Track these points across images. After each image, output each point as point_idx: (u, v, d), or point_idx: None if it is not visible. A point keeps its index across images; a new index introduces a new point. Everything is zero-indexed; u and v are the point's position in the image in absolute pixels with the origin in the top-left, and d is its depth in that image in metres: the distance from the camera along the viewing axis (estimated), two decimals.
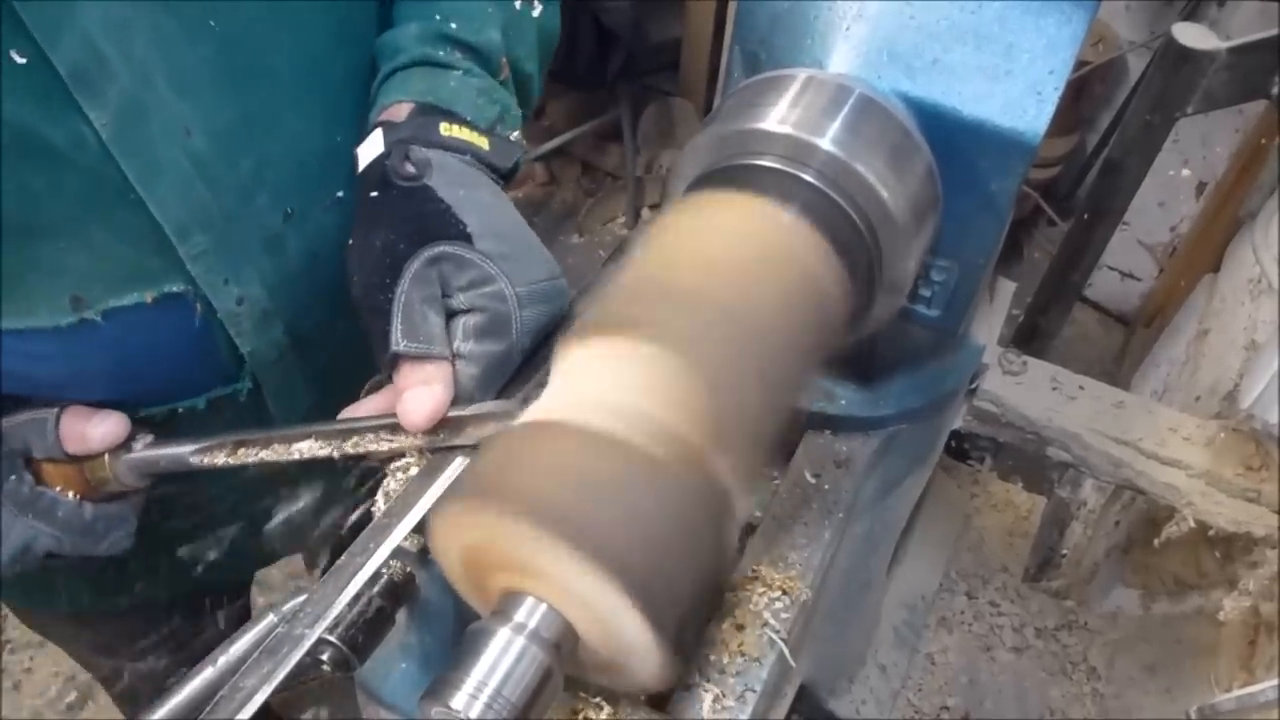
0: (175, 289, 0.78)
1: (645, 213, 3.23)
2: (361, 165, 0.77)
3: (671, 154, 3.20)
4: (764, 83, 0.77)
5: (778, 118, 0.73)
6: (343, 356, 0.93)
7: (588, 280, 0.89)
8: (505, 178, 0.83)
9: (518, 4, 0.90)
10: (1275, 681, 1.06)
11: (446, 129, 0.78)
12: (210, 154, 0.76)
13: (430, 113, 0.79)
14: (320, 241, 0.87)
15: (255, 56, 0.77)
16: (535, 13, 0.92)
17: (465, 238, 0.71)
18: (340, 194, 0.87)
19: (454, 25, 0.84)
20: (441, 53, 0.83)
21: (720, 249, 0.68)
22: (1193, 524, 1.17)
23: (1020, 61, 0.73)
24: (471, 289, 0.71)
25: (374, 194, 0.74)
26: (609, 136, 3.25)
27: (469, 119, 0.80)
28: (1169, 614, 1.68)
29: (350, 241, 0.74)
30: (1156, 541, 1.27)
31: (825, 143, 0.71)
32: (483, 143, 0.80)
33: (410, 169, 0.73)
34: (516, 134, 0.86)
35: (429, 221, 0.72)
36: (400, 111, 0.79)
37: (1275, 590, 1.30)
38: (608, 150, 3.31)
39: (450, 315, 0.72)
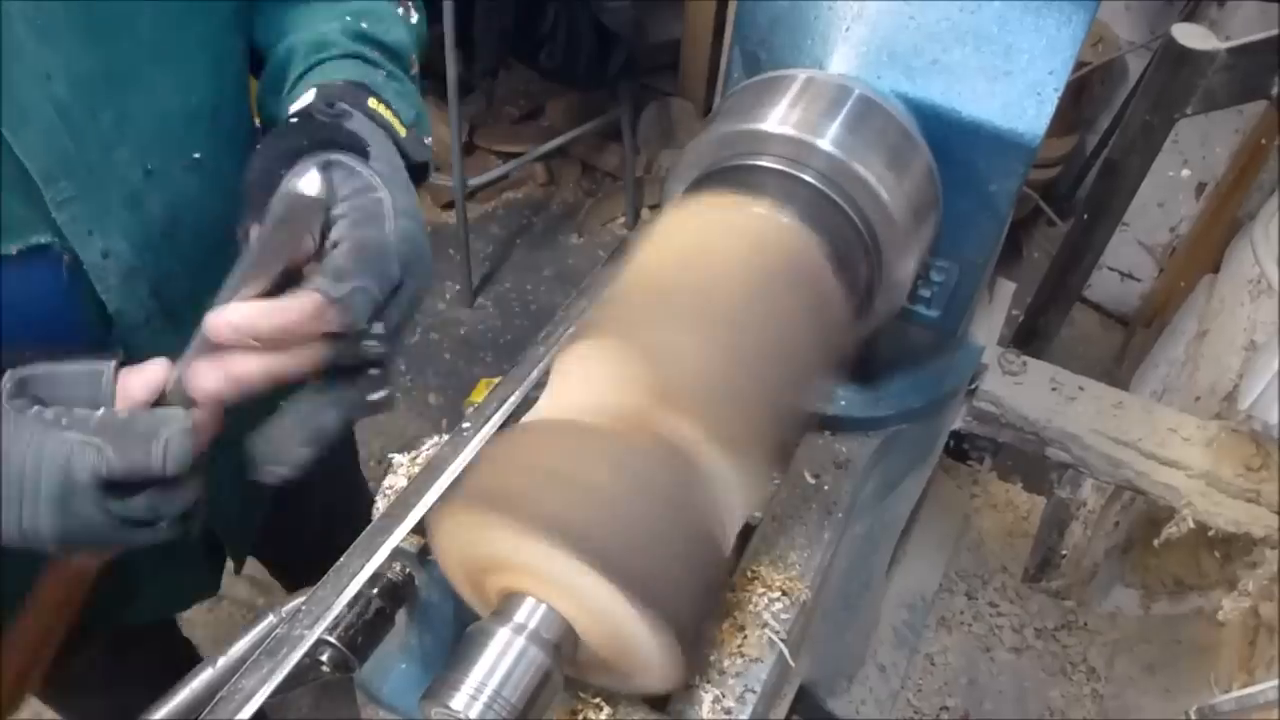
0: (42, 240, 0.78)
1: (645, 213, 3.23)
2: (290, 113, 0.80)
3: (671, 154, 3.20)
4: (764, 83, 0.77)
5: (778, 118, 0.73)
6: None
7: (586, 281, 0.89)
8: (415, 179, 0.84)
9: (400, 10, 0.95)
10: (1275, 682, 1.06)
11: (375, 104, 0.81)
12: (71, 101, 0.77)
13: (362, 89, 0.83)
14: (181, 202, 0.88)
15: (114, 9, 0.79)
16: (413, 20, 0.98)
17: (364, 156, 0.75)
18: (198, 155, 0.89)
19: (364, 25, 0.89)
20: (368, 50, 0.88)
21: (719, 252, 0.68)
22: (1192, 524, 1.17)
23: (1020, 62, 0.73)
24: (354, 196, 0.74)
25: (292, 120, 0.78)
26: (609, 137, 3.25)
27: (394, 108, 0.86)
28: (1169, 614, 1.68)
29: (257, 146, 0.78)
30: (1156, 542, 1.27)
31: (825, 143, 0.71)
32: (401, 130, 0.84)
33: (338, 109, 0.77)
34: (429, 140, 0.90)
35: (337, 135, 0.76)
36: (334, 84, 0.84)
37: (1275, 591, 1.30)
38: (608, 150, 3.31)
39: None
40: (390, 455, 0.75)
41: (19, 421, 0.68)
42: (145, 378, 0.74)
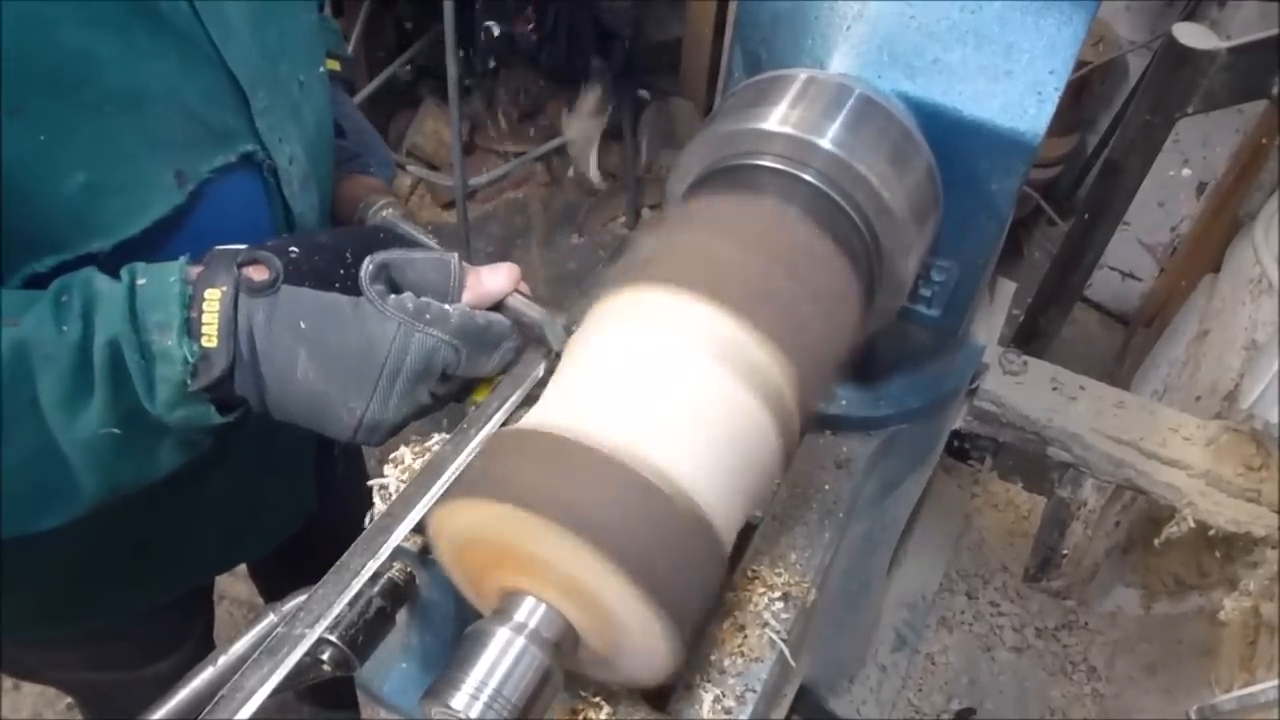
0: (249, 148, 0.83)
1: (645, 213, 3.23)
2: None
3: (672, 154, 3.20)
4: (765, 82, 0.77)
5: (778, 118, 0.73)
6: None
7: (587, 280, 0.89)
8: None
9: None
10: (1276, 682, 1.06)
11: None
12: (252, 17, 0.82)
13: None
14: (320, 112, 0.94)
15: None
16: None
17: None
18: (321, 70, 0.95)
19: None
20: None
21: (740, 248, 0.68)
22: (1193, 524, 1.17)
23: (1020, 62, 0.73)
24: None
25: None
26: (609, 136, 3.25)
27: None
28: (1169, 614, 1.68)
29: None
30: (1157, 541, 1.27)
31: (826, 143, 0.71)
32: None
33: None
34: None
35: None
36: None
37: (1275, 590, 1.30)
38: (608, 150, 3.31)
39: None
40: (395, 452, 0.75)
41: (385, 312, 0.72)
42: (504, 278, 0.80)
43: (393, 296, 0.73)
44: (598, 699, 0.70)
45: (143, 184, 0.75)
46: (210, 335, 0.69)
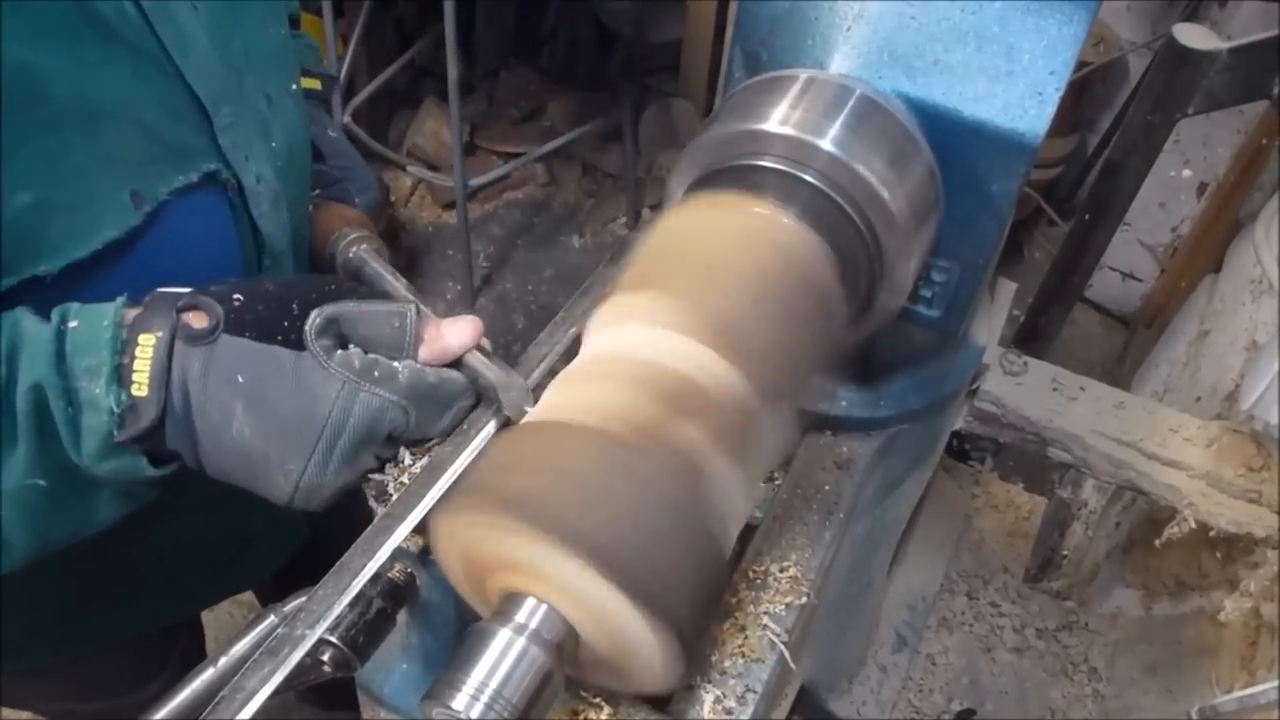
0: (212, 167, 0.80)
1: (646, 213, 3.23)
2: None
3: (672, 155, 3.20)
4: (765, 83, 0.77)
5: (779, 118, 0.73)
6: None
7: (588, 281, 0.89)
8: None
9: None
10: (1276, 682, 1.06)
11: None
12: (213, 29, 0.79)
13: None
14: (291, 130, 0.91)
15: None
16: None
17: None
18: (294, 86, 0.93)
19: None
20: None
21: (720, 249, 0.68)
22: (1193, 525, 1.17)
23: (1021, 62, 0.73)
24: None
25: None
26: (609, 137, 3.25)
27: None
28: (1170, 615, 1.68)
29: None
30: (1157, 542, 1.27)
31: (826, 143, 0.71)
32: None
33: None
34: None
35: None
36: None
37: (1276, 591, 1.30)
38: (608, 151, 3.31)
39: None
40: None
41: (329, 368, 0.67)
42: (465, 333, 0.75)
43: (339, 353, 0.68)
44: (598, 699, 0.70)
45: (94, 203, 0.71)
46: (141, 384, 0.65)
